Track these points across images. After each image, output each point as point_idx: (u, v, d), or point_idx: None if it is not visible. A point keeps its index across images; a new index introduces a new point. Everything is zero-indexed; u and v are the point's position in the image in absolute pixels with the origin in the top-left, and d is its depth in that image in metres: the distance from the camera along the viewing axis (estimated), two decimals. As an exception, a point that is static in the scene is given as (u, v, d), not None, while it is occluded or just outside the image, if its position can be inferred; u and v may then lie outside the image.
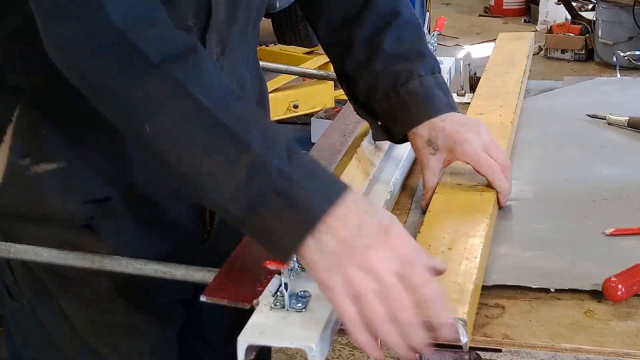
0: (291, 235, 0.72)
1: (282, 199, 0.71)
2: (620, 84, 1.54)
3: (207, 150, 0.73)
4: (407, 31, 1.06)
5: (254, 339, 0.73)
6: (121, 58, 0.75)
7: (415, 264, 0.72)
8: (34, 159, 0.92)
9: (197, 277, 0.88)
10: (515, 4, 6.81)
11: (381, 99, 1.03)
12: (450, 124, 1.00)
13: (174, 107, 0.74)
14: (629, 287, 0.81)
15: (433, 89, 1.02)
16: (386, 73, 1.03)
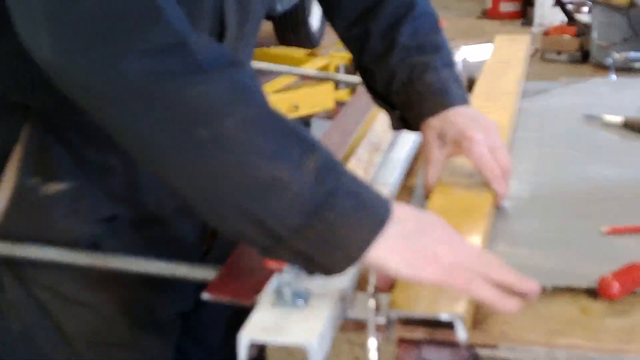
0: (361, 237, 0.70)
1: (351, 199, 0.70)
2: (615, 85, 1.56)
3: (271, 155, 0.69)
4: (423, 23, 1.07)
5: (255, 336, 0.74)
6: (177, 59, 0.70)
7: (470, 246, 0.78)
8: (43, 179, 0.91)
9: (199, 275, 0.89)
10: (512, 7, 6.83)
11: (398, 90, 1.04)
12: (462, 119, 1.00)
13: (237, 109, 0.70)
14: (625, 285, 0.82)
15: (448, 81, 1.03)
16: (402, 65, 1.04)
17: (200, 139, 0.69)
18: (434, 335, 0.78)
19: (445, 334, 0.78)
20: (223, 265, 0.88)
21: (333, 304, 0.78)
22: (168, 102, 0.69)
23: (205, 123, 0.69)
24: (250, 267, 0.86)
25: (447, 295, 0.78)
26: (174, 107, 0.69)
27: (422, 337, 0.79)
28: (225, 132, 0.69)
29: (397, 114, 1.08)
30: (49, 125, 0.90)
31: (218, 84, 0.70)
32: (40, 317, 0.99)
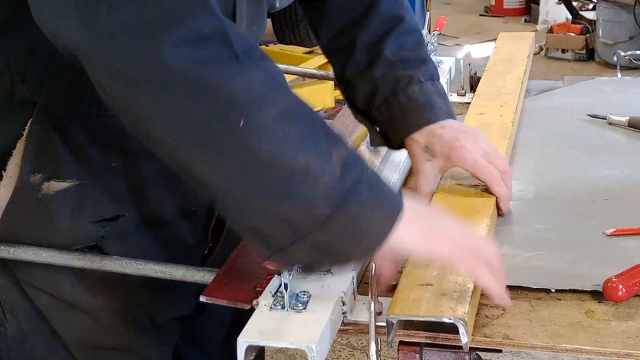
0: (381, 227, 0.73)
1: (372, 192, 0.72)
2: (621, 84, 1.54)
3: (303, 146, 0.70)
4: (408, 37, 1.05)
5: (254, 339, 0.73)
6: (219, 50, 0.69)
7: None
8: (45, 176, 0.90)
9: (197, 277, 0.88)
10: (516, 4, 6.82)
11: (380, 104, 1.03)
12: (448, 131, 0.99)
13: (276, 101, 0.70)
14: (630, 287, 0.81)
15: (432, 96, 1.02)
16: (386, 79, 1.02)
17: (238, 129, 0.68)
18: (435, 339, 0.77)
19: (447, 338, 0.77)
20: (221, 267, 0.87)
21: (332, 307, 0.77)
22: (210, 91, 0.68)
23: (244, 112, 0.68)
24: (249, 269, 0.85)
25: (449, 299, 0.77)
26: (215, 96, 0.68)
27: (423, 340, 0.78)
28: (263, 123, 0.69)
29: (377, 130, 1.05)
30: (54, 123, 0.90)
31: (257, 75, 0.70)
32: (38, 321, 0.98)
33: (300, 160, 0.69)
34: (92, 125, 0.90)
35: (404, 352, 0.79)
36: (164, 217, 0.97)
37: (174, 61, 0.67)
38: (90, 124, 0.90)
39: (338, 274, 0.83)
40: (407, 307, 0.77)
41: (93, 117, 0.89)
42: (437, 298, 0.77)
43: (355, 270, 0.84)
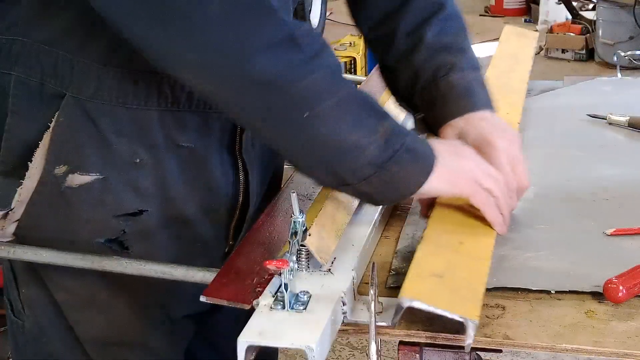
0: (415, 180, 0.86)
1: (409, 154, 0.84)
2: (621, 84, 1.54)
3: (355, 125, 0.82)
4: (450, 24, 1.06)
5: (254, 339, 0.73)
6: (290, 53, 0.80)
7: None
8: (69, 169, 0.91)
9: (197, 277, 0.88)
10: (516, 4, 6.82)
11: (421, 90, 1.03)
12: (487, 125, 0.98)
13: (333, 94, 0.81)
14: (630, 288, 0.81)
15: (473, 84, 1.02)
16: (427, 65, 1.03)
17: (302, 119, 0.81)
18: (436, 339, 0.77)
19: (447, 338, 0.77)
20: (221, 267, 0.87)
21: (333, 306, 0.77)
22: (282, 91, 0.80)
23: (308, 107, 0.80)
24: (249, 269, 0.85)
25: (462, 296, 0.76)
26: (286, 94, 0.80)
27: (423, 340, 0.78)
28: (323, 112, 0.81)
29: (420, 116, 1.06)
30: (80, 116, 0.90)
31: (320, 72, 0.81)
32: (55, 317, 0.99)
33: (351, 138, 0.82)
34: (118, 119, 0.91)
35: (404, 352, 0.79)
36: (186, 214, 0.97)
37: (254, 66, 0.78)
38: (117, 117, 0.91)
39: (338, 274, 0.83)
40: (423, 294, 0.75)
41: (120, 110, 0.90)
42: (450, 293, 0.77)
43: (356, 271, 0.84)
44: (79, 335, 1.00)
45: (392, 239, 0.98)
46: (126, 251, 0.95)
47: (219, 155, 0.97)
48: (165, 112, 0.92)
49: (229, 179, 0.99)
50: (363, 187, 0.84)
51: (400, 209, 1.06)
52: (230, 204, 1.00)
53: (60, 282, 0.98)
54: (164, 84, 0.91)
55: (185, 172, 0.95)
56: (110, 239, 0.94)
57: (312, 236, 0.82)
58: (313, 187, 1.07)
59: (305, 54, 0.80)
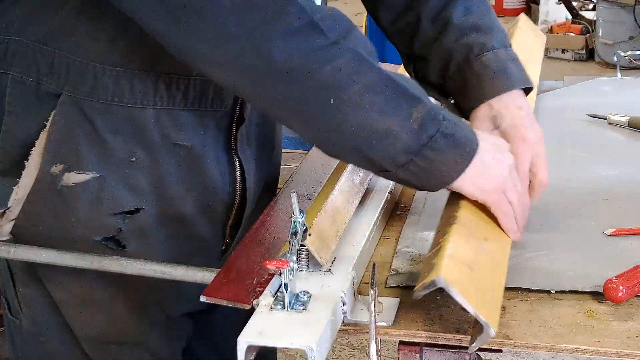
0: (453, 168, 0.84)
1: (447, 140, 0.82)
2: (621, 84, 1.54)
3: (385, 111, 0.80)
4: (473, 2, 1.03)
5: (254, 339, 0.73)
6: (310, 39, 0.78)
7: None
8: (66, 167, 0.91)
9: (197, 277, 0.88)
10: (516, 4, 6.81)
11: (455, 73, 1.01)
12: (523, 114, 0.97)
13: (360, 79, 0.79)
14: (630, 288, 0.81)
15: (507, 62, 0.99)
16: (458, 46, 1.00)
17: (329, 105, 0.79)
18: (436, 339, 0.77)
19: (447, 338, 0.77)
20: (221, 267, 0.87)
21: (333, 306, 0.77)
22: (305, 76, 0.79)
23: (334, 93, 0.79)
24: (249, 269, 0.85)
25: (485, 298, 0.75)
26: (309, 80, 0.79)
27: (424, 340, 0.78)
28: (349, 98, 0.79)
29: (452, 102, 1.04)
30: (77, 114, 0.90)
31: (344, 57, 0.79)
32: (52, 315, 0.99)
33: (383, 123, 0.80)
34: (114, 118, 0.91)
35: (404, 352, 0.79)
36: (182, 212, 0.97)
37: (274, 55, 0.77)
38: (113, 116, 0.91)
39: (338, 274, 0.83)
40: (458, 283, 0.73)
41: (116, 109, 0.90)
42: (477, 290, 0.75)
43: (356, 271, 0.84)
44: (76, 334, 1.00)
45: (392, 239, 0.98)
46: (123, 249, 0.95)
47: (215, 153, 0.97)
48: (161, 110, 0.92)
49: (225, 178, 0.99)
50: (401, 174, 0.83)
51: (400, 209, 1.06)
52: (227, 202, 1.01)
53: (57, 280, 0.98)
54: (160, 83, 0.91)
55: (181, 170, 0.95)
56: (107, 237, 0.94)
57: (312, 236, 0.82)
58: (313, 187, 1.07)
59: (328, 39, 0.79)
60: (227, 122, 0.97)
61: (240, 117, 0.98)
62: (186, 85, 0.92)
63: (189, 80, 0.92)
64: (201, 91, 0.93)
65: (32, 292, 1.00)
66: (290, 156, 3.42)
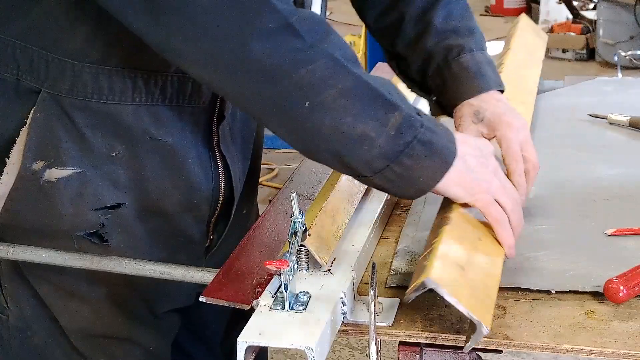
0: (431, 176, 0.83)
1: (424, 147, 0.81)
2: (622, 84, 1.54)
3: (360, 116, 0.80)
4: (455, 7, 1.07)
5: (254, 340, 0.73)
6: (287, 41, 0.78)
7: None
8: (48, 163, 0.91)
9: (197, 277, 0.88)
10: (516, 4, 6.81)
11: (434, 73, 1.04)
12: (502, 105, 1.00)
13: (336, 83, 0.79)
14: (631, 288, 0.81)
15: (483, 65, 1.03)
16: (438, 48, 1.04)
17: (304, 108, 0.79)
18: (436, 339, 0.77)
19: (447, 338, 0.77)
20: (221, 267, 0.87)
21: (333, 307, 0.77)
22: (280, 78, 0.79)
23: (309, 96, 0.79)
24: (249, 270, 0.85)
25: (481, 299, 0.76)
26: (284, 82, 0.79)
27: (424, 341, 0.77)
28: (324, 102, 0.79)
29: (433, 99, 1.07)
30: (56, 111, 0.91)
31: (320, 60, 0.79)
32: (39, 309, 1.00)
33: (359, 128, 0.80)
34: (94, 114, 0.91)
35: (404, 352, 0.79)
36: (165, 208, 0.97)
37: (250, 55, 0.78)
38: (93, 112, 0.91)
39: (338, 274, 0.83)
40: (448, 284, 0.74)
41: (95, 106, 0.90)
42: (469, 290, 0.75)
43: (355, 271, 0.84)
44: (64, 327, 1.00)
45: (392, 239, 0.98)
46: (106, 244, 0.95)
47: (195, 149, 0.97)
48: (140, 106, 0.92)
49: (207, 174, 0.99)
50: (378, 180, 0.83)
51: (400, 209, 1.06)
52: (210, 198, 1.00)
53: (40, 274, 0.98)
54: (138, 79, 0.91)
55: (162, 166, 0.95)
56: (89, 232, 0.94)
57: (312, 236, 0.82)
58: (313, 187, 1.07)
59: (305, 42, 0.79)
60: (206, 118, 0.97)
61: (220, 114, 0.98)
62: (164, 82, 0.92)
63: (167, 76, 0.92)
64: (179, 87, 0.93)
65: (18, 287, 1.00)
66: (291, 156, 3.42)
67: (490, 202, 0.87)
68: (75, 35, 0.89)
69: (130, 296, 1.00)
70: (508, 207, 0.87)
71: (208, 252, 1.06)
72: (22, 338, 1.02)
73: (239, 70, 0.79)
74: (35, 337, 1.01)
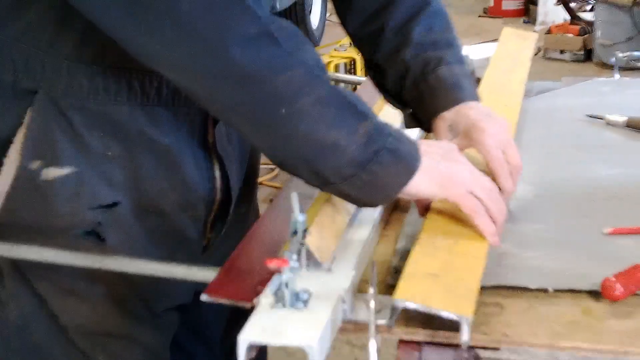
0: (398, 181, 0.86)
1: (392, 154, 0.84)
2: (619, 85, 1.55)
3: (333, 124, 0.82)
4: (436, 21, 1.08)
5: (255, 338, 0.73)
6: (266, 47, 0.80)
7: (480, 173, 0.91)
8: (44, 163, 0.92)
9: (198, 276, 0.89)
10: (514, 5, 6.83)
11: (410, 86, 1.05)
12: (475, 112, 1.01)
13: (312, 91, 0.81)
14: (628, 287, 0.82)
15: (460, 77, 1.04)
16: (416, 61, 1.05)
17: (280, 115, 0.81)
18: (435, 337, 0.78)
19: (446, 336, 0.77)
20: (222, 266, 0.87)
21: (333, 305, 0.77)
22: (257, 85, 0.80)
23: (286, 103, 0.81)
24: (250, 268, 0.85)
25: (456, 295, 0.77)
26: (262, 89, 0.80)
27: (423, 338, 0.78)
28: (301, 109, 0.81)
29: (409, 112, 1.08)
30: (53, 111, 0.91)
31: (297, 68, 0.81)
32: (37, 307, 1.00)
33: (331, 136, 0.82)
34: (90, 115, 0.91)
35: (404, 350, 0.79)
36: (162, 208, 0.98)
37: (229, 60, 0.79)
38: (89, 113, 0.91)
39: (338, 272, 0.83)
40: (417, 295, 0.76)
41: (91, 106, 0.91)
42: (445, 291, 0.77)
43: (356, 269, 0.85)
44: (63, 324, 1.00)
45: (392, 237, 0.98)
46: (102, 242, 0.95)
47: (191, 150, 0.98)
48: (135, 107, 0.93)
49: (203, 174, 0.99)
50: (346, 188, 0.84)
51: (400, 208, 1.06)
52: (207, 199, 1.01)
53: (38, 271, 0.98)
54: (133, 80, 0.92)
55: (158, 166, 0.96)
56: (86, 231, 0.95)
57: (313, 235, 0.83)
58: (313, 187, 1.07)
59: (283, 49, 0.80)
60: (200, 118, 0.98)
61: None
62: (159, 82, 0.93)
63: (162, 77, 0.92)
64: (174, 88, 0.94)
65: (17, 284, 1.00)
66: (290, 157, 3.42)
67: (464, 194, 0.88)
68: (69, 36, 0.89)
69: (129, 294, 1.00)
70: (484, 196, 0.89)
71: (206, 251, 1.06)
72: (22, 335, 1.02)
73: (217, 75, 0.80)
74: (34, 335, 1.02)
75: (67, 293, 0.99)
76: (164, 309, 1.05)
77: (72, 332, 1.01)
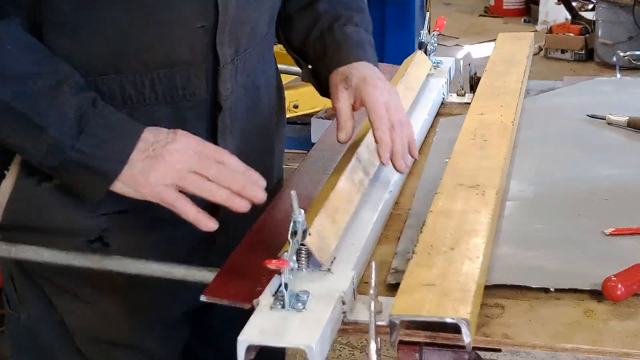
0: (95, 189, 0.89)
1: (80, 168, 0.86)
2: (620, 84, 1.54)
3: (13, 132, 0.87)
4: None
5: (254, 339, 0.73)
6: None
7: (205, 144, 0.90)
8: (45, 175, 0.92)
9: (198, 277, 0.89)
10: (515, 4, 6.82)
11: (316, 37, 1.10)
12: (369, 72, 1.04)
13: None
14: (629, 286, 0.81)
15: (365, 41, 1.09)
16: (327, 14, 1.10)
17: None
18: (435, 339, 0.77)
19: (447, 337, 0.77)
20: (221, 267, 0.87)
21: (333, 306, 0.77)
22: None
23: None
24: (249, 269, 0.85)
25: (452, 298, 0.77)
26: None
27: (423, 340, 0.78)
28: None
29: (309, 68, 1.11)
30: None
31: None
32: (46, 309, 1.00)
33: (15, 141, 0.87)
34: None
35: (404, 351, 0.79)
36: (164, 216, 0.97)
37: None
38: None
39: (338, 273, 0.83)
40: (410, 307, 0.77)
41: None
42: (440, 298, 0.77)
43: (355, 270, 0.85)
44: (70, 329, 1.00)
45: (392, 238, 0.98)
46: (106, 247, 0.96)
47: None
48: (133, 108, 0.93)
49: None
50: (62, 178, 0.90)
51: (400, 209, 1.06)
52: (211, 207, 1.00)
53: (46, 275, 0.98)
54: (125, 83, 0.92)
55: None
56: (89, 238, 0.95)
57: (312, 236, 0.83)
58: (313, 187, 1.07)
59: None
60: (204, 111, 0.97)
61: (216, 105, 0.98)
62: (151, 81, 0.93)
63: (153, 75, 0.92)
64: (169, 83, 0.93)
65: (27, 286, 1.01)
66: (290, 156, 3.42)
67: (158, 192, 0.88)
68: (56, 52, 0.89)
69: (139, 301, 1.00)
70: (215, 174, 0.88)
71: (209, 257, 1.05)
72: (31, 336, 1.03)
73: None
74: (42, 337, 1.02)
75: (72, 297, 0.99)
76: (176, 315, 1.04)
77: (78, 337, 1.01)
